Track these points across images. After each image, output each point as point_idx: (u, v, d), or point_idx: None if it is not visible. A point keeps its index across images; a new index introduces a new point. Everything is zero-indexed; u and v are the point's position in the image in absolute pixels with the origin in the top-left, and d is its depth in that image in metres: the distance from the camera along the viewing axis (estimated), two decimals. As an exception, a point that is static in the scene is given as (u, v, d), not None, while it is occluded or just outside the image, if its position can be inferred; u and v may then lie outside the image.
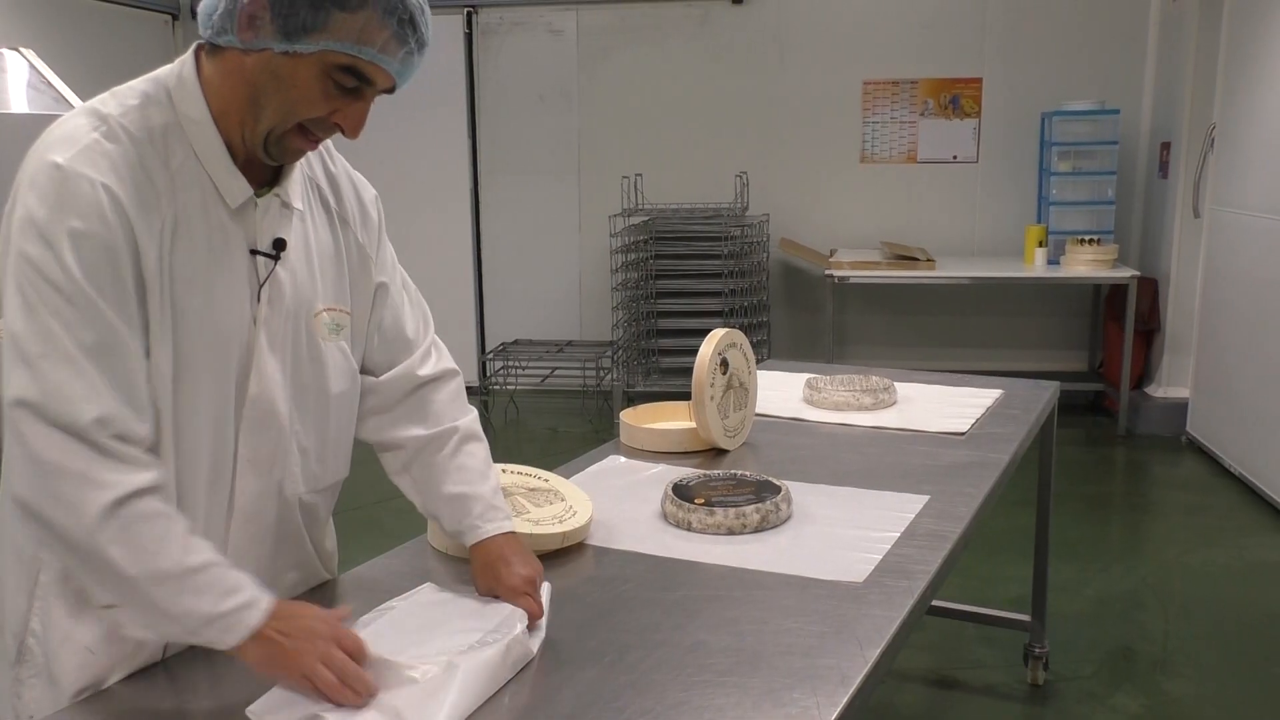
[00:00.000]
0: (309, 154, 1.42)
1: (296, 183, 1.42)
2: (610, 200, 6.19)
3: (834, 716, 1.24)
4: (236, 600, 1.21)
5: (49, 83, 3.78)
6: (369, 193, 1.57)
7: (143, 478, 1.20)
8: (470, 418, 1.60)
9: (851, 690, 1.29)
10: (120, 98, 1.29)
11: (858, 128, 6.24)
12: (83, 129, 1.24)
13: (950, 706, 3.03)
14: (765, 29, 6.22)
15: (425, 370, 1.59)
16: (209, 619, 1.20)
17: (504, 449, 5.55)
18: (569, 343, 6.40)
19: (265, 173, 1.37)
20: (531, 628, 1.40)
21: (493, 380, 6.34)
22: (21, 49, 3.90)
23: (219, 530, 1.40)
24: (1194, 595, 3.67)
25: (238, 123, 1.29)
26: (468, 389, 1.61)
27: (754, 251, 6.00)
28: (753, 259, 5.98)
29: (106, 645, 1.33)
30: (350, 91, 1.27)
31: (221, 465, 1.38)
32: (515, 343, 6.43)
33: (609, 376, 6.17)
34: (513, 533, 1.54)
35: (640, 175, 6.12)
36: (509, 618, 1.39)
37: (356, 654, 1.23)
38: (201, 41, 1.30)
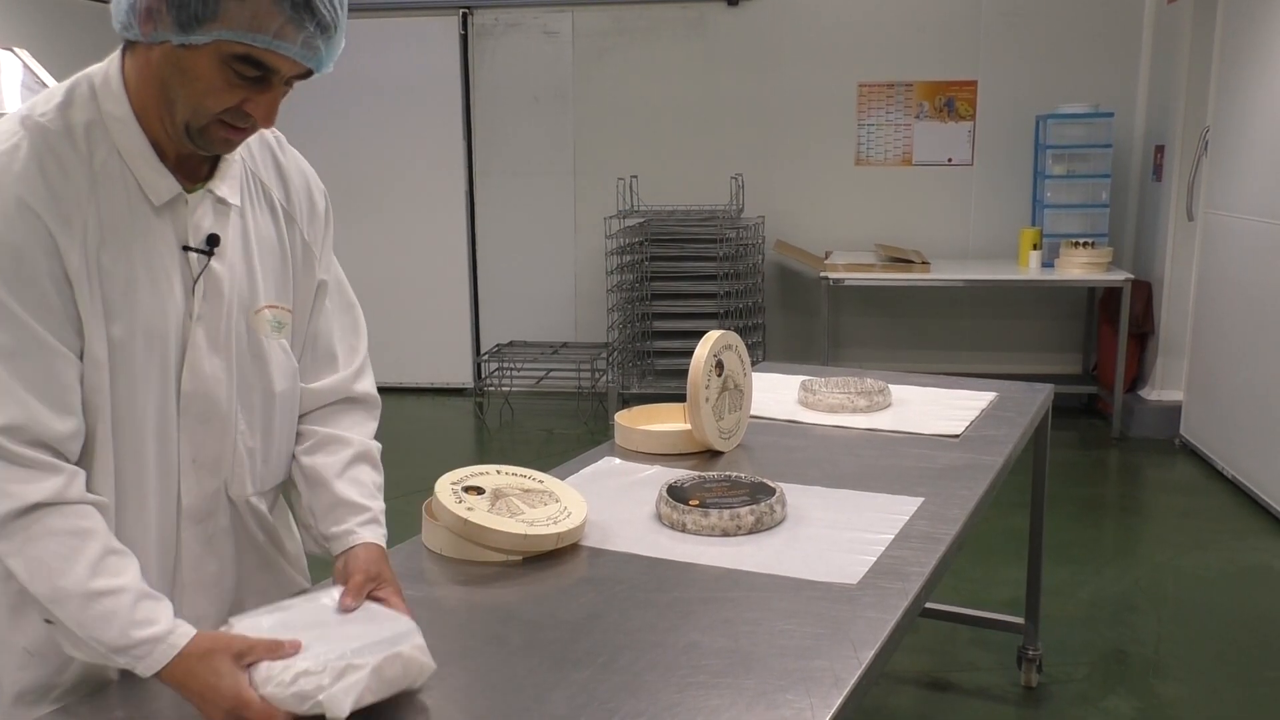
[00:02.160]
0: (253, 146, 1.41)
1: (234, 177, 1.39)
2: (605, 202, 6.20)
3: (828, 718, 1.24)
4: (146, 633, 1.18)
5: (43, 83, 3.78)
6: (318, 186, 1.54)
7: (49, 486, 1.20)
8: (376, 446, 1.56)
9: (845, 692, 1.29)
10: (46, 96, 1.28)
11: (853, 130, 6.25)
12: (1, 135, 1.24)
13: (943, 709, 3.03)
14: (760, 31, 6.22)
15: (357, 387, 1.57)
16: (116, 649, 1.18)
17: (498, 451, 5.54)
18: (564, 344, 6.40)
19: (202, 167, 1.35)
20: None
21: (488, 382, 6.33)
22: (15, 49, 3.89)
23: (170, 533, 1.39)
24: (1187, 598, 3.68)
25: (157, 118, 1.27)
26: (462, 391, 1.61)
27: (749, 254, 6.00)
28: (748, 261, 5.98)
29: (46, 648, 1.31)
30: (254, 80, 1.23)
31: (168, 466, 1.36)
32: (510, 344, 6.42)
33: (604, 378, 6.16)
34: (383, 547, 1.47)
35: (635, 177, 6.12)
36: (406, 633, 1.29)
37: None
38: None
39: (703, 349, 2.24)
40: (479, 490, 1.82)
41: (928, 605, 2.21)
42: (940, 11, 6.07)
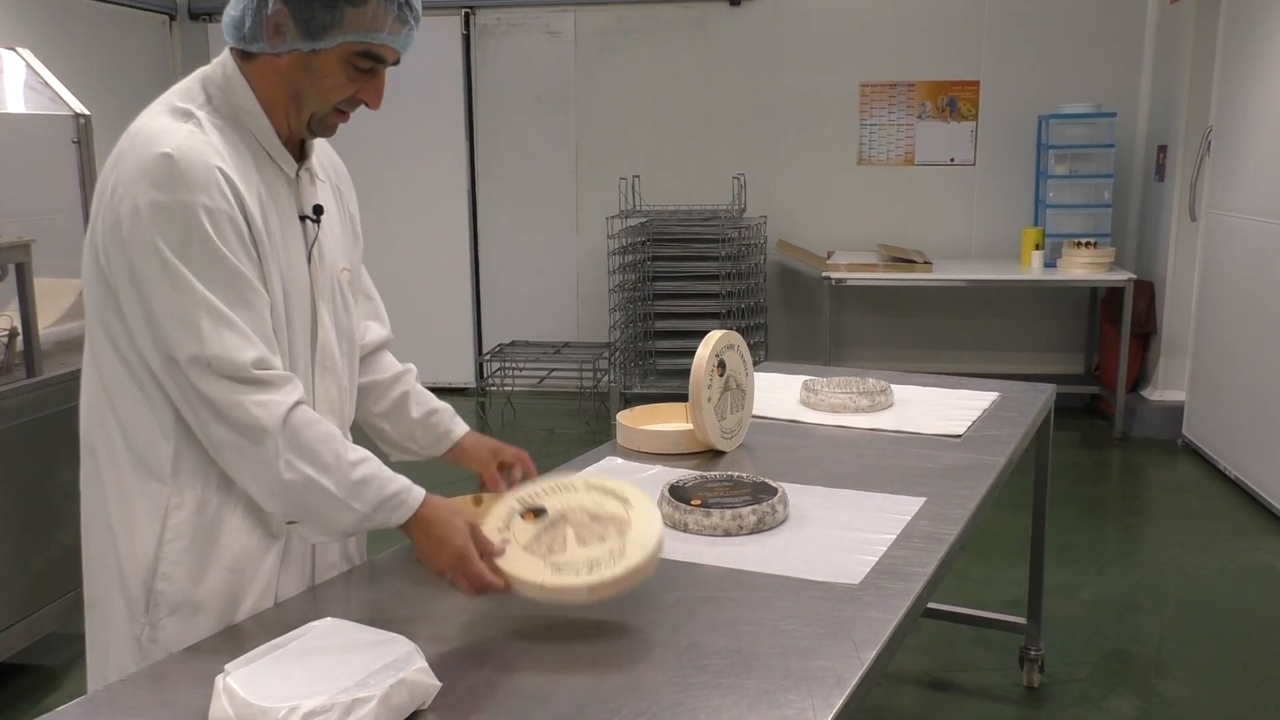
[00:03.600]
0: None
1: (315, 156, 1.62)
2: (608, 201, 6.20)
3: (829, 718, 1.24)
4: (397, 485, 1.47)
5: (46, 83, 3.77)
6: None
7: (294, 391, 1.43)
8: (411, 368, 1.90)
9: (847, 692, 1.30)
10: (186, 96, 1.48)
11: (855, 130, 6.25)
12: (175, 125, 1.42)
13: (945, 709, 3.03)
14: (763, 31, 6.22)
15: (385, 332, 1.89)
16: (380, 502, 1.45)
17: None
18: (566, 344, 6.40)
19: (295, 150, 1.56)
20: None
21: (490, 381, 6.33)
22: (18, 49, 3.89)
23: None
24: (1189, 598, 3.68)
25: (283, 114, 1.51)
26: (464, 390, 1.70)
27: (751, 253, 6.00)
28: (750, 261, 5.98)
29: (243, 564, 1.52)
30: (368, 71, 1.49)
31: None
32: (512, 344, 6.42)
33: (606, 378, 6.17)
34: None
35: (638, 176, 6.12)
36: (407, 656, 1.28)
37: (487, 555, 1.48)
38: (232, 46, 1.50)
39: (705, 349, 2.24)
40: (540, 512, 1.60)
41: (929, 605, 2.20)
42: (942, 11, 6.07)
